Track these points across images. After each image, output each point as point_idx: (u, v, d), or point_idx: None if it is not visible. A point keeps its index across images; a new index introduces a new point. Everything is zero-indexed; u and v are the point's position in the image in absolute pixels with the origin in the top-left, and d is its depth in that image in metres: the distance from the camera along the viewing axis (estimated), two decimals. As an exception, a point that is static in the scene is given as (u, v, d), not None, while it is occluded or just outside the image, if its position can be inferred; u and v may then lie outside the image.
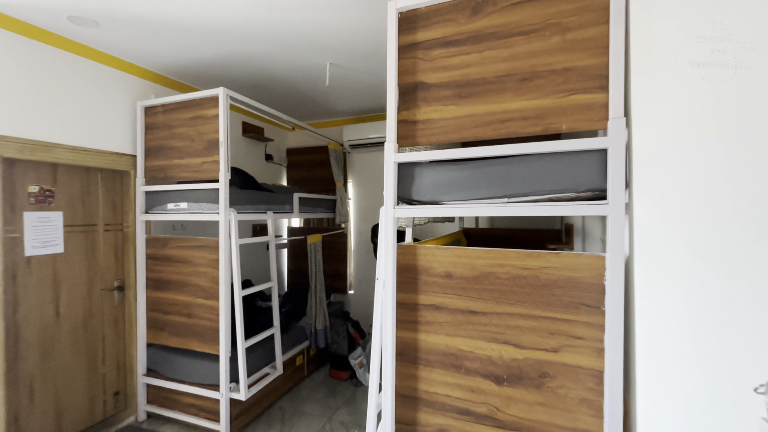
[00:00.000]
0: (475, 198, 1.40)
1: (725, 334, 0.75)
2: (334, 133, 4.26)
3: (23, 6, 1.98)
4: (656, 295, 0.98)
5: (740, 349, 0.72)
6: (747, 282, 0.71)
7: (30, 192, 2.28)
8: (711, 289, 0.78)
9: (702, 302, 0.80)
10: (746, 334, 0.71)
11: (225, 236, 2.43)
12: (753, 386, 0.66)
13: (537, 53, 1.29)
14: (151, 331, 2.74)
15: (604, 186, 1.21)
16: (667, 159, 0.91)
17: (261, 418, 2.79)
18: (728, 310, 0.74)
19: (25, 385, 2.22)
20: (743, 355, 0.72)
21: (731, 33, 0.73)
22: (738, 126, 0.72)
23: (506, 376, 1.32)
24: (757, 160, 0.68)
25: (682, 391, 0.87)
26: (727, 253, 0.74)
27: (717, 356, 0.77)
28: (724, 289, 0.75)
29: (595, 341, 1.20)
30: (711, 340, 0.78)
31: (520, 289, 1.30)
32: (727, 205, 0.74)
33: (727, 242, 0.74)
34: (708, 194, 0.78)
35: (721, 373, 0.76)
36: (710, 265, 0.78)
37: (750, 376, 0.68)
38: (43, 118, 2.24)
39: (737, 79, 0.72)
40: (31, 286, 2.27)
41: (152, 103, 2.68)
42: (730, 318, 0.74)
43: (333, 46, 2.50)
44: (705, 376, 0.80)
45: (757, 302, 0.69)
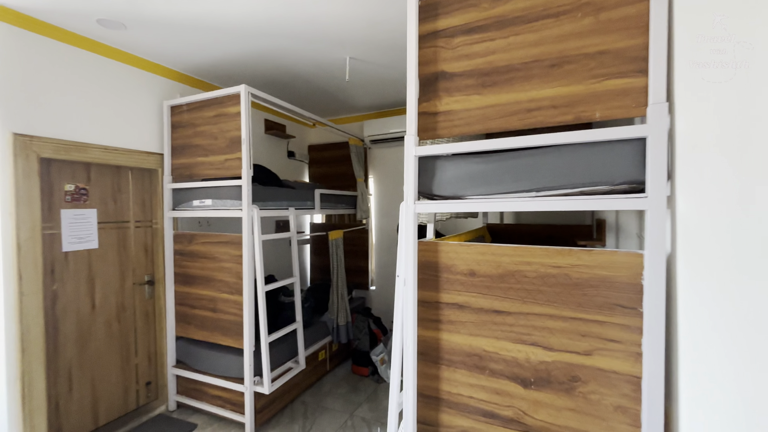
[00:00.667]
0: (501, 192, 1.33)
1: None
2: (354, 129, 4.24)
3: (56, 10, 2.06)
4: (703, 296, 0.89)
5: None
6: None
7: (66, 190, 2.38)
8: (766, 291, 0.70)
9: (756, 305, 0.72)
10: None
11: (248, 232, 2.46)
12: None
13: (567, 36, 1.20)
14: (179, 324, 2.82)
15: (642, 178, 1.12)
16: (719, 147, 0.82)
17: (284, 412, 2.83)
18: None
19: (64, 374, 2.35)
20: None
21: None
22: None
23: (534, 379, 1.26)
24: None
25: (733, 402, 0.79)
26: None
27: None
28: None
29: (632, 345, 1.12)
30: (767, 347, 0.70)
31: (548, 288, 1.23)
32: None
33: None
34: (764, 187, 0.70)
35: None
36: (766, 263, 0.69)
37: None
38: (77, 120, 2.34)
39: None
40: (69, 280, 2.38)
41: (177, 102, 2.74)
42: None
43: (352, 40, 2.46)
44: (758, 385, 0.71)
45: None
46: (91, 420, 2.48)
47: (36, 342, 2.12)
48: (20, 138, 2.05)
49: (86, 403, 2.46)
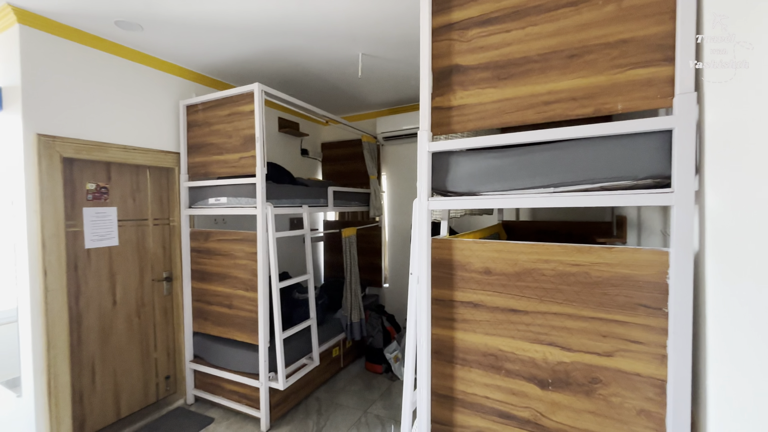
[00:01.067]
0: (517, 188, 1.30)
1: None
2: (367, 126, 4.23)
3: (76, 13, 2.11)
4: (737, 297, 0.84)
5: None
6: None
7: (88, 189, 2.45)
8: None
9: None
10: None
11: (262, 229, 2.48)
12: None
13: (588, 25, 1.15)
14: (197, 320, 2.88)
15: (667, 172, 1.07)
16: (755, 138, 0.77)
17: (299, 408, 2.85)
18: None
19: (88, 367, 2.42)
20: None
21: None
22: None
23: (551, 380, 1.22)
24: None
25: (767, 408, 0.74)
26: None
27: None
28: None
29: (656, 346, 1.07)
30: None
31: (567, 287, 1.19)
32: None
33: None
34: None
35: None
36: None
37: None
38: (97, 120, 2.40)
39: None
40: (91, 276, 2.45)
41: (193, 101, 2.78)
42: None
43: (364, 36, 2.44)
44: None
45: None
46: (113, 412, 2.56)
47: (61, 336, 2.19)
48: (44, 138, 2.12)
49: (108, 395, 2.54)
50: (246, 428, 2.59)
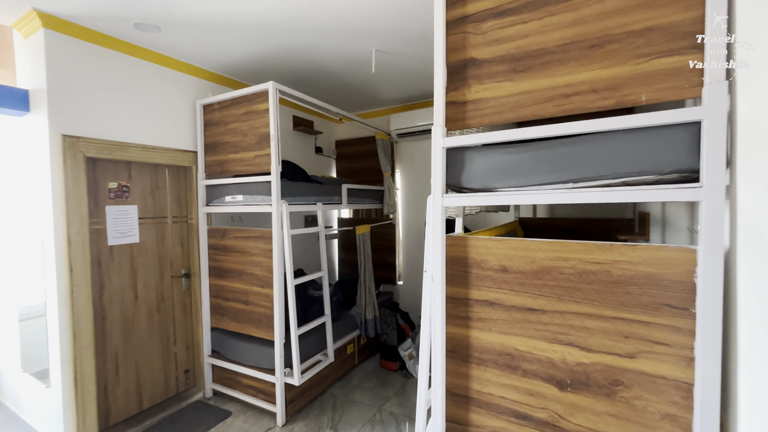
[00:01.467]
0: (535, 184, 1.26)
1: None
2: (381, 123, 4.21)
3: (96, 16, 2.17)
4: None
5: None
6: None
7: (110, 188, 2.52)
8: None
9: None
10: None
11: (278, 227, 2.51)
12: None
13: (610, 13, 1.11)
14: (214, 316, 2.94)
15: (696, 166, 1.02)
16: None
17: (314, 403, 2.88)
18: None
19: (111, 359, 2.50)
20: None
21: None
22: None
23: (570, 381, 1.19)
24: None
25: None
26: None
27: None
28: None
29: (683, 348, 1.02)
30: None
31: (587, 285, 1.15)
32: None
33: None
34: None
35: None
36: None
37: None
38: (118, 120, 2.46)
39: None
40: (114, 272, 2.53)
41: (209, 101, 2.82)
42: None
43: (377, 32, 2.43)
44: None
45: None
46: (135, 403, 2.64)
47: (86, 329, 2.27)
48: (68, 139, 2.19)
49: (131, 387, 2.62)
50: (262, 422, 2.63)
